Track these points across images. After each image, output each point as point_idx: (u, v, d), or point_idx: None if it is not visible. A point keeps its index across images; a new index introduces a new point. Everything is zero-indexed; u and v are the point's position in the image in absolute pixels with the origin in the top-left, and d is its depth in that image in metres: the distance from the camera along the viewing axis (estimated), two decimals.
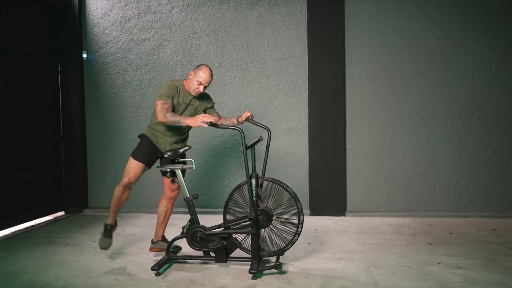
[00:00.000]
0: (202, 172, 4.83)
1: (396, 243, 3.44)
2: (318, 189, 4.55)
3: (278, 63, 4.67)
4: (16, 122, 4.18)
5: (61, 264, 3.02)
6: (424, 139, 4.49)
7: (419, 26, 4.45)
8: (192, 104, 2.98)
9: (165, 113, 2.75)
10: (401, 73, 4.50)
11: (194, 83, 2.86)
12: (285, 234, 2.78)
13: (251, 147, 2.81)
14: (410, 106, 4.49)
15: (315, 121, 4.54)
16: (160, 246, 3.09)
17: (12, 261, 3.12)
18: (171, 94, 2.84)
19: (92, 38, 4.99)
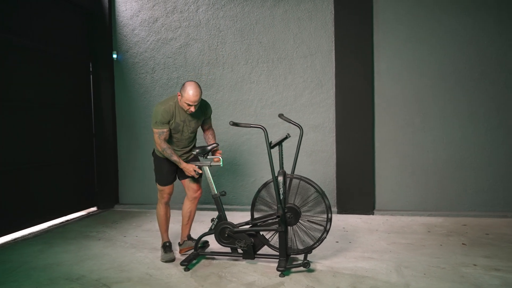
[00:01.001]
0: (228, 170, 4.87)
1: (428, 243, 3.34)
2: (346, 187, 4.49)
3: (305, 59, 4.64)
4: (51, 121, 4.36)
5: (94, 258, 3.14)
6: (458, 136, 4.32)
7: (451, 19, 4.28)
8: (190, 119, 2.93)
9: (164, 147, 2.85)
10: (432, 67, 4.35)
11: (184, 105, 2.79)
12: (313, 231, 2.77)
13: (279, 144, 2.81)
14: (442, 101, 4.34)
15: (343, 118, 4.47)
16: (188, 245, 3.15)
17: (50, 253, 3.28)
18: (166, 119, 2.84)
19: (121, 38, 5.13)
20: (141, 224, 4.28)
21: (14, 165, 3.85)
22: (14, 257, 3.20)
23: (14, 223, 3.84)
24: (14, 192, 3.84)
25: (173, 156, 2.88)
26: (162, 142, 2.87)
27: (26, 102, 4.01)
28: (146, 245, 3.48)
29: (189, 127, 2.97)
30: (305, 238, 2.80)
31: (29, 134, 4.03)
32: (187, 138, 3.02)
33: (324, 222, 2.73)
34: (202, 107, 3.00)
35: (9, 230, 3.79)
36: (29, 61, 4.07)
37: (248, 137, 4.81)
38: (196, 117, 2.97)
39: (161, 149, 2.89)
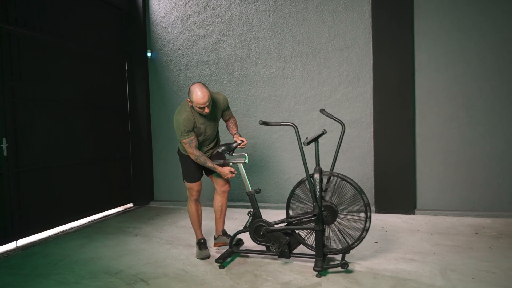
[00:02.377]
0: (261, 167, 4.86)
1: (476, 245, 3.17)
2: (385, 185, 4.36)
3: (340, 52, 4.53)
4: (89, 120, 4.55)
5: (132, 253, 3.24)
6: (509, 130, 4.06)
7: (498, 7, 4.01)
8: (209, 119, 2.96)
9: (197, 154, 2.87)
10: (479, 58, 4.10)
11: (196, 109, 2.80)
12: (352, 230, 2.70)
13: (314, 140, 2.75)
14: (489, 94, 4.09)
15: (381, 112, 4.34)
16: (222, 240, 3.18)
17: (90, 248, 3.42)
18: (189, 128, 2.85)
19: (155, 36, 5.25)
20: (176, 220, 4.37)
21: (57, 163, 4.05)
22: (57, 251, 3.37)
23: (57, 218, 4.05)
24: (57, 189, 4.04)
25: (207, 163, 2.89)
26: (194, 150, 2.88)
27: (65, 101, 4.20)
28: (181, 241, 3.55)
29: (210, 126, 2.99)
30: (342, 237, 2.74)
31: (68, 133, 4.22)
32: (210, 136, 3.04)
33: (363, 220, 2.66)
34: (216, 103, 2.97)
35: (52, 225, 4.01)
36: (66, 60, 4.24)
37: (282, 133, 4.78)
38: (214, 114, 2.98)
39: (195, 157, 2.89)
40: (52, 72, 4.03)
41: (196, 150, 2.90)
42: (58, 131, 4.07)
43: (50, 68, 4.00)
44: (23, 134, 3.67)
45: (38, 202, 3.82)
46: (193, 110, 2.87)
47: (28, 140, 3.72)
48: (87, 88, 4.51)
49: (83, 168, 4.42)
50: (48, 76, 3.98)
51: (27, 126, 3.72)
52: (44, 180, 3.89)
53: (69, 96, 4.24)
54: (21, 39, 3.68)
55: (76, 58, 4.35)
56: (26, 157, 3.69)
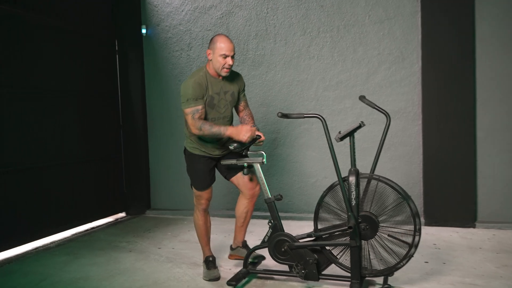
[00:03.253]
0: (282, 168, 4.85)
1: None
2: (436, 192, 4.31)
3: (380, 25, 4.47)
4: (71, 112, 4.62)
5: (126, 273, 3.28)
6: None
7: None
8: (225, 90, 2.99)
9: (200, 125, 2.81)
10: None
11: (218, 60, 2.84)
12: (396, 247, 2.68)
13: (349, 135, 2.73)
14: None
15: (432, 100, 4.29)
16: (240, 253, 3.19)
17: (76, 266, 3.48)
18: (199, 95, 2.85)
19: (151, 9, 5.29)
20: (178, 233, 4.41)
21: (30, 163, 4.11)
22: (37, 269, 3.44)
23: (34, 230, 4.12)
24: (32, 194, 4.11)
25: (213, 128, 2.82)
26: (196, 121, 2.83)
27: (41, 89, 4.26)
28: (184, 259, 3.58)
29: (225, 100, 3.00)
30: (384, 255, 2.71)
31: (47, 127, 4.29)
32: (223, 117, 3.03)
33: (410, 234, 2.62)
34: (235, 76, 3.08)
35: (28, 238, 4.08)
36: (44, 41, 4.30)
37: (307, 126, 4.75)
38: (231, 87, 3.04)
39: (197, 128, 2.82)
40: (26, 54, 4.09)
41: (199, 120, 2.84)
42: (33, 125, 4.14)
43: (23, 49, 4.05)
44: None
45: (12, 211, 3.90)
46: (208, 76, 2.92)
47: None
48: (68, 73, 4.58)
49: (65, 169, 4.49)
50: (21, 59, 4.03)
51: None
52: (18, 185, 3.97)
53: (47, 82, 4.30)
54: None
55: (54, 37, 4.41)
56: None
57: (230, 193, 5.06)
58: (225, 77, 2.97)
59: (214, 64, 2.89)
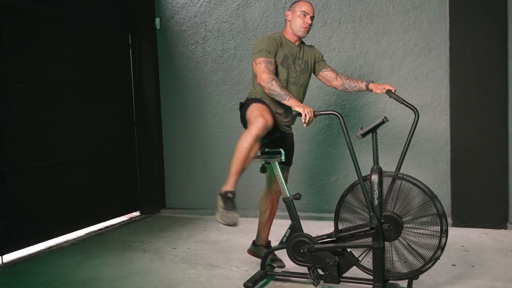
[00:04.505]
0: (302, 166, 4.85)
1: None
2: (465, 191, 4.28)
3: (405, 15, 4.43)
4: (82, 107, 4.70)
5: (140, 273, 3.34)
6: None
7: None
8: (299, 57, 3.03)
9: (272, 77, 2.74)
10: None
11: (297, 19, 2.94)
12: (421, 249, 2.66)
13: (372, 131, 2.72)
14: None
15: (460, 94, 4.25)
16: (260, 251, 3.21)
17: (89, 266, 3.56)
18: (273, 48, 2.89)
19: (165, 1, 5.33)
20: (193, 233, 4.46)
21: (42, 161, 4.20)
22: (50, 269, 3.52)
23: (46, 230, 4.22)
24: (44, 193, 4.21)
25: (282, 89, 2.69)
26: (270, 72, 2.77)
27: (52, 84, 4.35)
28: (199, 259, 3.62)
29: (298, 66, 3.02)
30: (409, 258, 2.70)
31: (58, 124, 4.38)
32: (295, 83, 3.01)
33: (436, 236, 2.60)
34: (308, 47, 3.15)
35: (42, 238, 4.18)
36: (54, 35, 4.38)
37: (328, 122, 4.75)
38: (305, 55, 3.07)
39: (268, 80, 2.71)
40: (37, 48, 4.17)
41: (272, 73, 2.79)
42: (45, 121, 4.22)
43: (34, 43, 4.13)
44: (3, 126, 3.82)
45: (26, 210, 4.00)
46: (283, 37, 3.00)
47: (9, 133, 3.87)
48: (81, 67, 4.66)
49: (79, 167, 4.59)
50: (32, 53, 4.11)
51: (8, 116, 3.88)
52: (31, 183, 4.07)
53: (58, 77, 4.39)
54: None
55: (67, 29, 4.50)
56: (8, 154, 3.86)
57: (247, 192, 5.10)
58: (300, 45, 3.04)
59: (293, 24, 2.97)
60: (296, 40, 3.02)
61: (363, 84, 3.10)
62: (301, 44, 3.07)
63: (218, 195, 2.64)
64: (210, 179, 5.29)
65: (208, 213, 5.22)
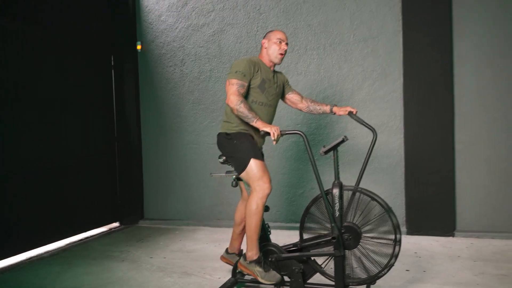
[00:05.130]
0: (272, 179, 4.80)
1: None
2: (418, 202, 4.36)
3: (364, 44, 4.55)
4: (67, 123, 4.61)
5: (118, 282, 3.26)
6: None
7: None
8: (274, 81, 3.01)
9: (241, 100, 2.70)
10: None
11: (273, 46, 2.94)
12: (378, 256, 2.70)
13: (333, 149, 2.77)
14: None
15: (413, 115, 4.35)
16: (232, 259, 3.18)
17: (70, 275, 3.46)
18: (250, 72, 2.83)
19: (146, 26, 5.33)
20: (169, 243, 4.40)
21: (26, 173, 4.09)
22: (31, 279, 3.41)
23: (27, 240, 4.08)
24: (25, 204, 4.08)
25: (250, 112, 2.68)
26: (240, 95, 2.73)
27: (39, 101, 4.26)
28: (175, 268, 3.57)
29: (273, 89, 2.98)
30: (367, 264, 2.73)
31: (41, 137, 4.27)
32: (270, 105, 2.97)
33: (391, 245, 2.65)
34: (278, 73, 3.13)
35: (23, 248, 4.03)
36: (41, 53, 4.31)
37: (295, 139, 4.80)
38: (278, 79, 3.06)
39: (237, 102, 2.68)
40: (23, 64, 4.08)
41: (242, 96, 2.74)
42: (30, 135, 4.12)
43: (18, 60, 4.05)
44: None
45: (7, 221, 3.87)
46: (260, 61, 2.97)
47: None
48: (65, 85, 4.57)
49: (60, 180, 4.47)
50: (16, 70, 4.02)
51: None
52: (13, 195, 3.94)
53: (43, 93, 4.30)
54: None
55: (52, 50, 4.43)
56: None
57: (222, 204, 5.08)
58: (273, 71, 3.03)
59: (270, 50, 2.95)
60: (271, 66, 3.00)
61: (328, 107, 3.13)
62: (274, 70, 3.07)
63: (245, 262, 2.78)
64: (187, 191, 5.25)
65: (184, 223, 5.18)
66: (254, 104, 2.89)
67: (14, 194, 3.95)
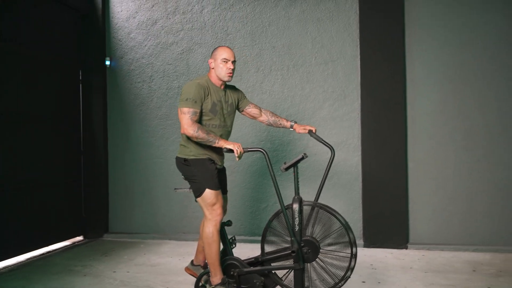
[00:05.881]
0: (236, 194, 4.81)
1: (474, 284, 3.22)
2: (374, 216, 4.40)
3: (325, 66, 4.63)
4: (32, 136, 4.40)
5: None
6: (508, 156, 4.21)
7: (501, 18, 4.22)
8: (226, 100, 2.89)
9: (197, 128, 2.62)
10: (477, 75, 4.28)
11: (220, 67, 2.79)
12: (335, 269, 2.69)
13: (293, 166, 2.76)
14: (489, 114, 4.25)
15: (370, 134, 4.43)
16: (197, 271, 3.08)
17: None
18: (200, 97, 2.71)
19: (116, 43, 5.22)
20: (134, 257, 4.24)
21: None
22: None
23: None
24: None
25: (209, 135, 2.64)
26: (194, 123, 2.64)
27: (4, 114, 4.06)
28: (138, 282, 3.43)
29: (225, 109, 2.87)
30: (325, 277, 2.72)
31: (5, 150, 4.07)
32: (224, 126, 2.89)
33: (347, 258, 2.65)
34: (232, 88, 3.02)
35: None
36: (10, 67, 4.13)
37: (259, 155, 4.78)
38: (230, 97, 2.93)
39: (193, 130, 2.61)
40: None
41: (196, 123, 2.65)
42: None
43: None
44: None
45: None
46: (209, 82, 2.82)
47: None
48: (32, 98, 4.38)
49: (23, 193, 4.24)
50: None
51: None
52: None
53: (9, 106, 4.10)
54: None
55: (18, 63, 4.25)
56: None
57: (187, 217, 4.97)
58: (224, 89, 2.89)
59: (217, 71, 2.80)
60: (221, 84, 2.87)
61: (288, 123, 3.09)
62: (225, 87, 2.93)
63: (219, 285, 2.75)
64: (153, 205, 5.10)
65: (150, 237, 5.01)
66: (208, 127, 2.82)
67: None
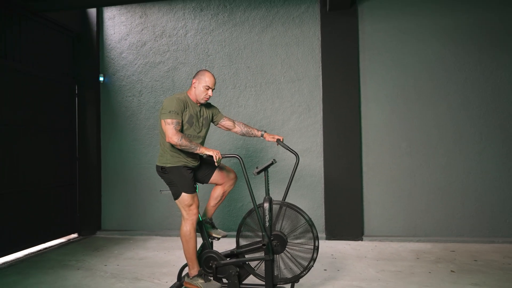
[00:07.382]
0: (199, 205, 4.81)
1: (417, 270, 3.32)
2: (334, 212, 4.48)
3: (292, 84, 4.71)
4: (32, 144, 4.29)
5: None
6: (444, 161, 4.39)
7: (437, 45, 4.43)
8: (201, 115, 2.87)
9: (180, 137, 2.60)
10: (418, 93, 4.46)
11: (201, 90, 2.78)
12: (300, 260, 2.73)
13: (264, 170, 2.80)
14: (428, 126, 4.43)
15: (330, 142, 4.52)
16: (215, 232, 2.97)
17: (25, 285, 3.14)
18: (180, 110, 2.69)
19: (109, 61, 5.15)
20: (123, 251, 4.16)
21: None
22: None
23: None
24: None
25: (191, 143, 2.61)
26: (178, 132, 2.61)
27: (6, 124, 3.94)
28: (127, 274, 3.38)
29: (200, 122, 2.85)
30: (292, 266, 2.75)
31: (8, 157, 3.94)
32: (198, 136, 2.85)
33: (311, 250, 2.70)
34: (207, 105, 2.97)
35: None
36: (12, 82, 4.03)
37: (236, 160, 4.79)
38: (205, 112, 2.91)
39: (177, 139, 2.58)
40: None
41: (179, 133, 2.62)
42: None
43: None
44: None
45: None
46: (188, 98, 2.79)
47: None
48: (32, 110, 4.28)
49: (23, 196, 4.11)
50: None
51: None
52: None
53: (11, 117, 3.99)
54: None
55: (21, 79, 4.14)
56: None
57: (172, 216, 4.92)
58: (200, 106, 2.87)
59: (197, 92, 2.78)
60: (198, 102, 2.85)
61: (259, 133, 3.07)
62: (201, 104, 2.88)
63: (189, 279, 2.75)
64: (141, 205, 5.03)
65: (138, 233, 4.93)
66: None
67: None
